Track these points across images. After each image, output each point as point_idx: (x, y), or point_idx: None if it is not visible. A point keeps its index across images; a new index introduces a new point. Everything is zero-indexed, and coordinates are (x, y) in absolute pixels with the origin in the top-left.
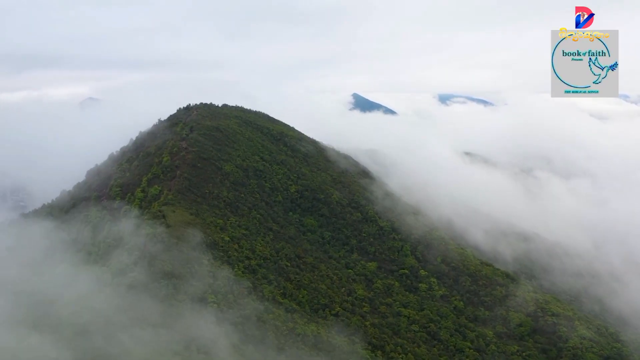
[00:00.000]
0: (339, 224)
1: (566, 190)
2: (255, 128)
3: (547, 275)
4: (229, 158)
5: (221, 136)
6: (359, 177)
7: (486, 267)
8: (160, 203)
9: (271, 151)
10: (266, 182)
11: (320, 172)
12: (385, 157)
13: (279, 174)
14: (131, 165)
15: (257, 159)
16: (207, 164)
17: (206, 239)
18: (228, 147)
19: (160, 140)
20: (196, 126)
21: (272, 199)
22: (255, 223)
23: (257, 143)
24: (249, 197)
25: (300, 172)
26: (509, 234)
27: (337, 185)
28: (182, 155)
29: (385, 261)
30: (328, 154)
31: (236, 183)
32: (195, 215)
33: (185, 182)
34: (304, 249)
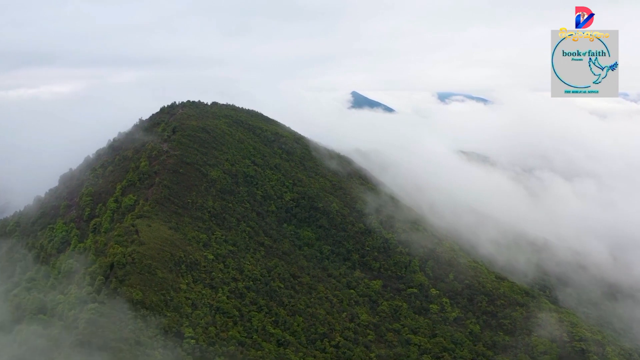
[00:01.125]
0: (339, 237)
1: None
2: (247, 128)
3: (565, 287)
4: (216, 162)
5: (208, 138)
6: (360, 182)
7: (503, 284)
8: (134, 215)
9: (264, 154)
10: (258, 190)
11: (318, 178)
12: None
13: (272, 180)
14: (105, 171)
15: (247, 164)
16: (190, 169)
17: (186, 258)
18: (215, 150)
19: (139, 142)
20: (180, 127)
21: (264, 209)
22: (244, 237)
23: (249, 145)
24: (237, 207)
25: (297, 177)
26: (519, 241)
27: (337, 192)
28: (162, 160)
29: (392, 278)
30: (327, 156)
31: (223, 191)
32: (174, 230)
33: (165, 190)
34: (299, 267)
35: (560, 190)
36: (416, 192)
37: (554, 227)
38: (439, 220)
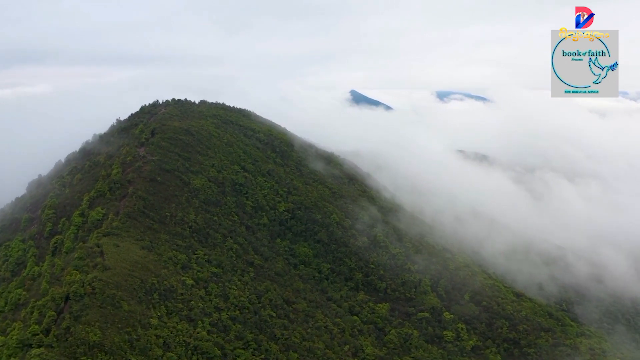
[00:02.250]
0: (340, 253)
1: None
2: (238, 130)
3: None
4: (200, 169)
5: (192, 141)
6: (363, 188)
7: (524, 305)
8: (100, 233)
9: (255, 159)
10: (248, 200)
11: (316, 185)
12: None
13: (264, 189)
14: (73, 179)
15: (236, 170)
16: (169, 177)
17: (159, 285)
18: (200, 154)
19: (114, 146)
20: (160, 128)
21: (254, 222)
22: (230, 256)
23: (238, 149)
24: (224, 221)
25: (292, 185)
26: (530, 250)
27: (337, 201)
28: (138, 167)
29: (400, 301)
30: (326, 160)
31: (208, 202)
32: (147, 250)
33: (139, 202)
34: (294, 290)
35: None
36: (418, 196)
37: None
38: (445, 228)
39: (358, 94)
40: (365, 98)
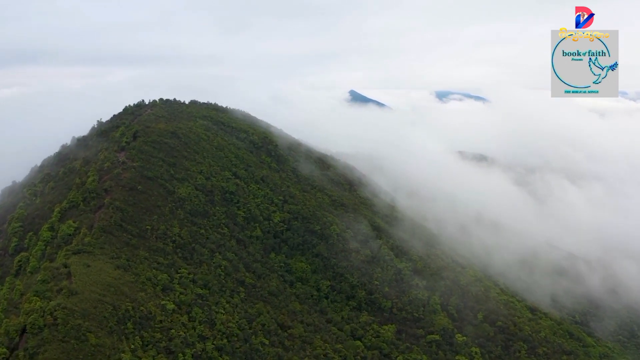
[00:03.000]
0: (341, 268)
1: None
2: (230, 132)
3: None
4: (187, 176)
5: (178, 144)
6: (365, 195)
7: (542, 323)
8: (70, 250)
9: (249, 164)
10: (239, 210)
11: (315, 192)
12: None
13: (258, 197)
14: (45, 187)
15: (227, 176)
16: (152, 185)
17: (134, 312)
18: (187, 160)
19: (92, 150)
20: (143, 131)
21: (246, 235)
22: (219, 275)
23: (230, 153)
24: (212, 234)
25: (289, 192)
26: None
27: (337, 210)
28: (116, 174)
29: (407, 322)
30: (326, 164)
31: (194, 213)
32: (123, 269)
33: (116, 214)
34: (290, 312)
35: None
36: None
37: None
38: (451, 236)
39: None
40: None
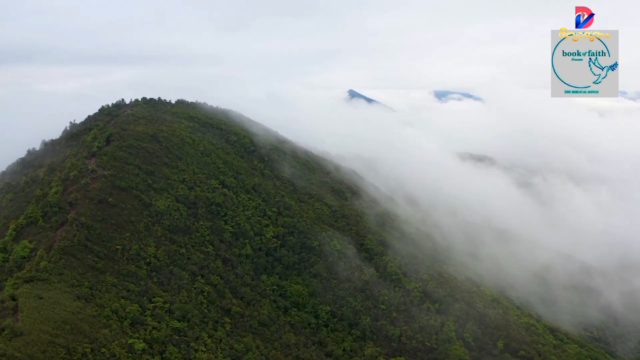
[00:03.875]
0: (342, 290)
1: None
2: (219, 135)
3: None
4: (166, 186)
5: (158, 149)
6: (368, 204)
7: (569, 350)
8: (20, 278)
9: (239, 171)
10: (227, 224)
11: (313, 202)
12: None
13: (248, 209)
14: (2, 199)
15: (213, 186)
16: (125, 197)
17: (94, 357)
18: (167, 167)
19: (60, 157)
20: (119, 134)
21: (234, 253)
22: (200, 303)
23: (218, 159)
24: (194, 254)
25: (283, 203)
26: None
27: (338, 222)
28: (84, 184)
29: (419, 352)
30: (325, 170)
31: (174, 229)
32: (85, 300)
33: (81, 232)
34: (284, 346)
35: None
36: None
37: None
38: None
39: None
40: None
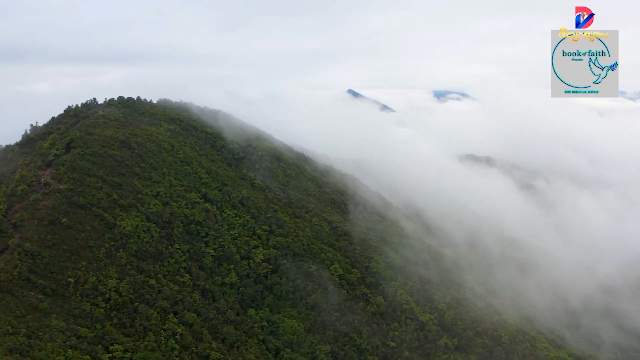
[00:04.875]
0: (345, 325)
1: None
2: (203, 139)
3: None
4: (136, 202)
5: (129, 157)
6: (373, 217)
7: None
8: None
9: (224, 181)
10: (208, 247)
11: (310, 218)
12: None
13: (234, 228)
14: None
15: (193, 200)
16: (84, 217)
17: None
18: (139, 178)
19: (10, 167)
20: (82, 139)
21: (216, 283)
22: (170, 350)
23: (200, 168)
24: (166, 285)
25: (276, 219)
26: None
27: (340, 242)
28: (34, 201)
29: None
30: (324, 179)
31: (143, 255)
32: (20, 355)
33: (25, 262)
34: None
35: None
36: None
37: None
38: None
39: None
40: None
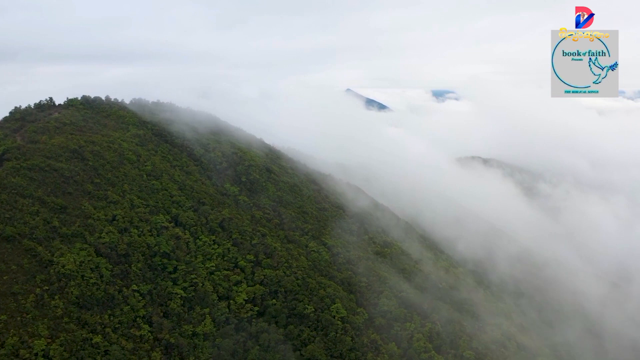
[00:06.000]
0: None
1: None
2: (180, 146)
3: None
4: (83, 229)
5: (80, 171)
6: (380, 239)
7: None
8: None
9: (201, 199)
10: (176, 286)
11: (307, 242)
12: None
13: (212, 259)
14: None
15: (160, 224)
16: (9, 252)
17: None
18: (91, 199)
19: None
20: (20, 150)
21: (186, 334)
22: None
23: (171, 182)
24: (117, 343)
25: (264, 247)
26: (604, 318)
27: (342, 272)
28: None
29: None
30: (322, 193)
31: (86, 302)
32: None
33: None
34: None
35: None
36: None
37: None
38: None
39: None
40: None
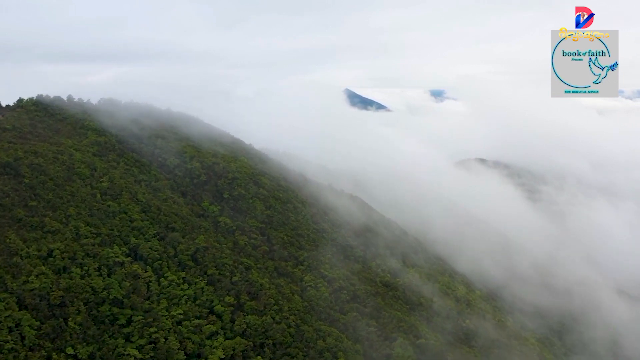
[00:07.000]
0: None
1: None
2: (149, 156)
3: None
4: (4, 272)
5: (11, 191)
6: (388, 263)
7: None
8: None
9: (171, 223)
10: (130, 345)
11: (301, 275)
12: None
13: (180, 304)
14: None
15: (113, 260)
16: None
17: None
18: (21, 227)
19: None
20: None
21: None
22: None
23: (133, 203)
24: None
25: (248, 284)
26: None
27: (346, 316)
28: None
29: None
30: (320, 208)
31: None
32: None
33: None
34: None
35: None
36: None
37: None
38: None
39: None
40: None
